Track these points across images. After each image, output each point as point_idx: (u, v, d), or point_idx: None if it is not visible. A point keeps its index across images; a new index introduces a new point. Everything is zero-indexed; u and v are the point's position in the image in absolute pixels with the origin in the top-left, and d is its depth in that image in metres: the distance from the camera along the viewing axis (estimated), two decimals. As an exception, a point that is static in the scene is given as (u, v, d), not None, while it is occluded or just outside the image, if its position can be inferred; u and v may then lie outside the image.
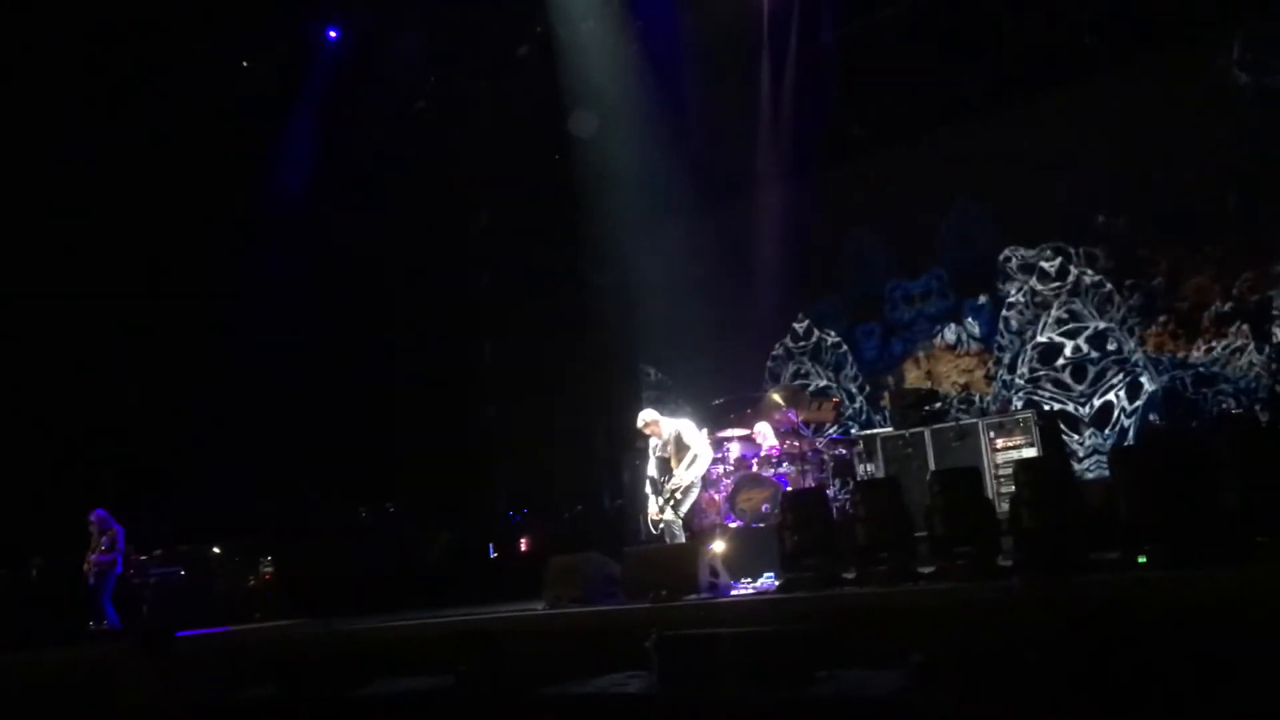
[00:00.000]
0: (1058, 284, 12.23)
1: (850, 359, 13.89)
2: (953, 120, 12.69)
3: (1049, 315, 12.28)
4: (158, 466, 14.44)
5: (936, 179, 13.01)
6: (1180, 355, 11.30)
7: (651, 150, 13.46)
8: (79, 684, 7.16)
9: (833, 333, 14.09)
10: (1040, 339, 12.33)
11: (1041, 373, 12.25)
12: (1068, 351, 12.09)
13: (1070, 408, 11.98)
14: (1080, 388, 12.00)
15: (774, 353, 14.50)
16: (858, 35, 12.88)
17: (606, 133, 13.74)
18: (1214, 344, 11.06)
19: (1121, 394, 11.68)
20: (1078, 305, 12.10)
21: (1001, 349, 12.62)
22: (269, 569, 14.41)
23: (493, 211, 15.84)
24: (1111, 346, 11.82)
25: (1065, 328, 12.15)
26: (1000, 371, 12.59)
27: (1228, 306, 11.04)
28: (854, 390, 13.72)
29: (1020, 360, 12.45)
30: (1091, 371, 11.95)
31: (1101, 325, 11.90)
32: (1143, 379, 11.55)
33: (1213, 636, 4.41)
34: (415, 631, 7.96)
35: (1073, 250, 12.14)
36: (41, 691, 7.83)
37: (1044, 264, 12.33)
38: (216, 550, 14.22)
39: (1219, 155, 11.06)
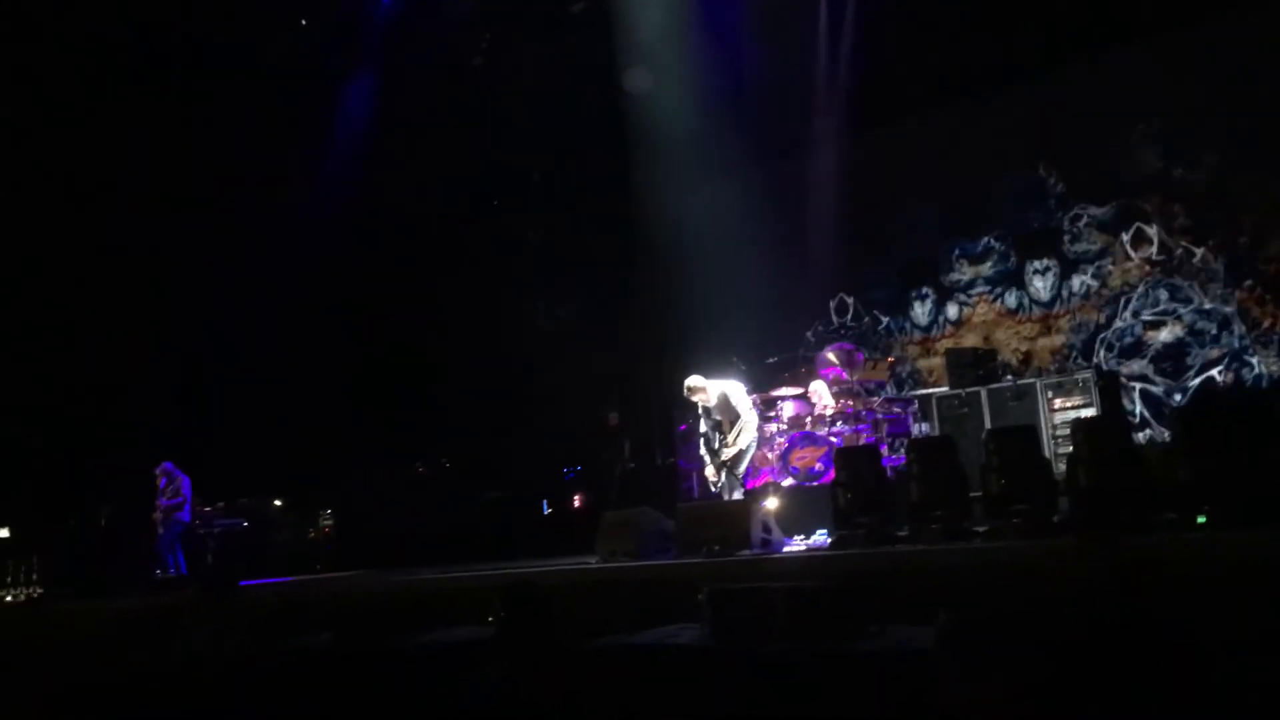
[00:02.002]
0: (1135, 249, 11.51)
1: (899, 337, 13.58)
2: (1014, 77, 12.28)
3: (1131, 286, 11.52)
4: (223, 420, 14.71)
5: (997, 138, 12.62)
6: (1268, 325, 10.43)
7: (706, 108, 13.34)
8: (146, 629, 7.38)
9: (880, 313, 13.73)
10: (1123, 318, 11.59)
11: (1123, 359, 11.51)
12: (1156, 331, 11.27)
13: (1160, 390, 11.23)
14: (1167, 381, 11.05)
15: (808, 333, 14.19)
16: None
17: (661, 89, 13.64)
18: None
19: (1225, 379, 10.71)
20: (1160, 273, 11.31)
21: (1076, 326, 11.98)
22: (328, 522, 14.69)
23: (546, 168, 15.83)
24: (1206, 325, 10.92)
25: (1148, 301, 11.39)
26: (1069, 340, 12.03)
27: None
28: (902, 373, 13.37)
29: (1099, 343, 11.74)
30: (1184, 353, 11.07)
31: (1192, 297, 11.02)
32: (1251, 359, 10.63)
33: (1269, 598, 4.35)
34: (467, 583, 8.08)
35: (1146, 207, 11.49)
36: (111, 636, 8.09)
37: (1122, 231, 11.59)
38: (278, 503, 14.50)
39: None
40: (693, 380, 9.86)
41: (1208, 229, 11.09)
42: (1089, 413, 9.61)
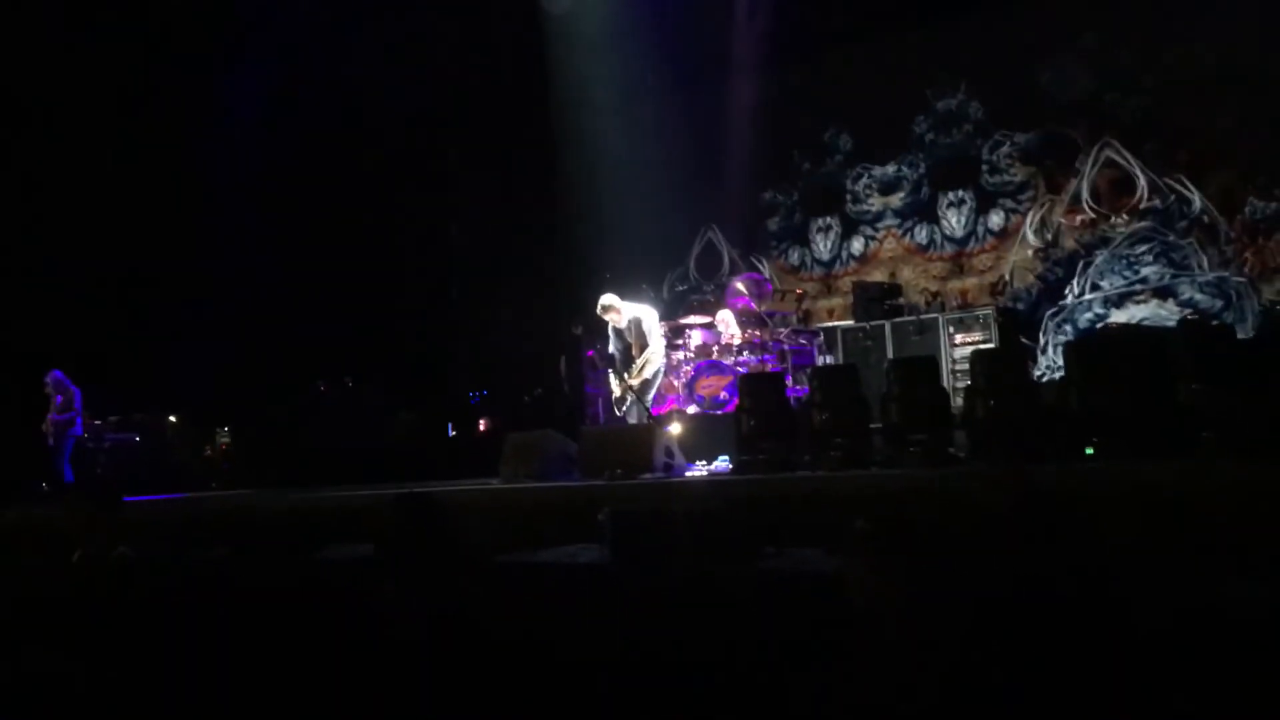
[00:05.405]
0: (1099, 190, 10.58)
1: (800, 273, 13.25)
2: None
3: (1087, 245, 10.58)
4: (116, 332, 14.24)
5: (919, 57, 12.06)
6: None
7: (626, 31, 13.13)
8: (30, 540, 7.17)
9: (760, 259, 13.43)
10: (1079, 285, 10.66)
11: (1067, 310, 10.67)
12: (1128, 311, 10.30)
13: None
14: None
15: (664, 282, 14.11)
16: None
17: (579, 8, 13.39)
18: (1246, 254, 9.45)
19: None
20: (1137, 228, 10.30)
21: (1013, 295, 11.13)
22: (226, 440, 14.37)
23: (461, 87, 15.46)
24: (1209, 302, 9.80)
25: (1117, 266, 10.43)
26: (982, 280, 11.43)
27: (1272, 208, 9.44)
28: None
29: (1046, 320, 10.73)
30: (1136, 306, 10.20)
31: (1189, 260, 9.94)
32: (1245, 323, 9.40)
33: (1151, 530, 4.49)
34: (367, 502, 7.98)
35: (1074, 135, 10.77)
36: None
37: (1079, 158, 10.53)
38: (173, 419, 14.13)
39: (1253, 30, 9.42)
40: (607, 299, 9.90)
41: (1142, 162, 10.34)
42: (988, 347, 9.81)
